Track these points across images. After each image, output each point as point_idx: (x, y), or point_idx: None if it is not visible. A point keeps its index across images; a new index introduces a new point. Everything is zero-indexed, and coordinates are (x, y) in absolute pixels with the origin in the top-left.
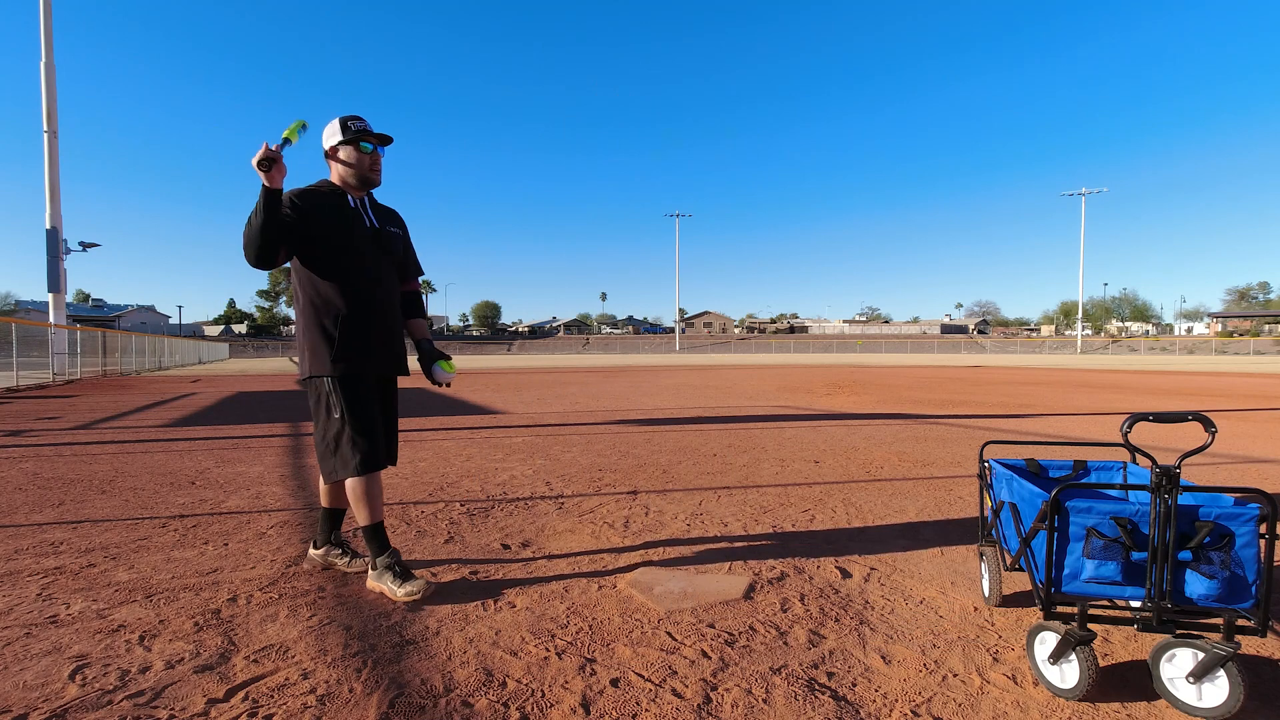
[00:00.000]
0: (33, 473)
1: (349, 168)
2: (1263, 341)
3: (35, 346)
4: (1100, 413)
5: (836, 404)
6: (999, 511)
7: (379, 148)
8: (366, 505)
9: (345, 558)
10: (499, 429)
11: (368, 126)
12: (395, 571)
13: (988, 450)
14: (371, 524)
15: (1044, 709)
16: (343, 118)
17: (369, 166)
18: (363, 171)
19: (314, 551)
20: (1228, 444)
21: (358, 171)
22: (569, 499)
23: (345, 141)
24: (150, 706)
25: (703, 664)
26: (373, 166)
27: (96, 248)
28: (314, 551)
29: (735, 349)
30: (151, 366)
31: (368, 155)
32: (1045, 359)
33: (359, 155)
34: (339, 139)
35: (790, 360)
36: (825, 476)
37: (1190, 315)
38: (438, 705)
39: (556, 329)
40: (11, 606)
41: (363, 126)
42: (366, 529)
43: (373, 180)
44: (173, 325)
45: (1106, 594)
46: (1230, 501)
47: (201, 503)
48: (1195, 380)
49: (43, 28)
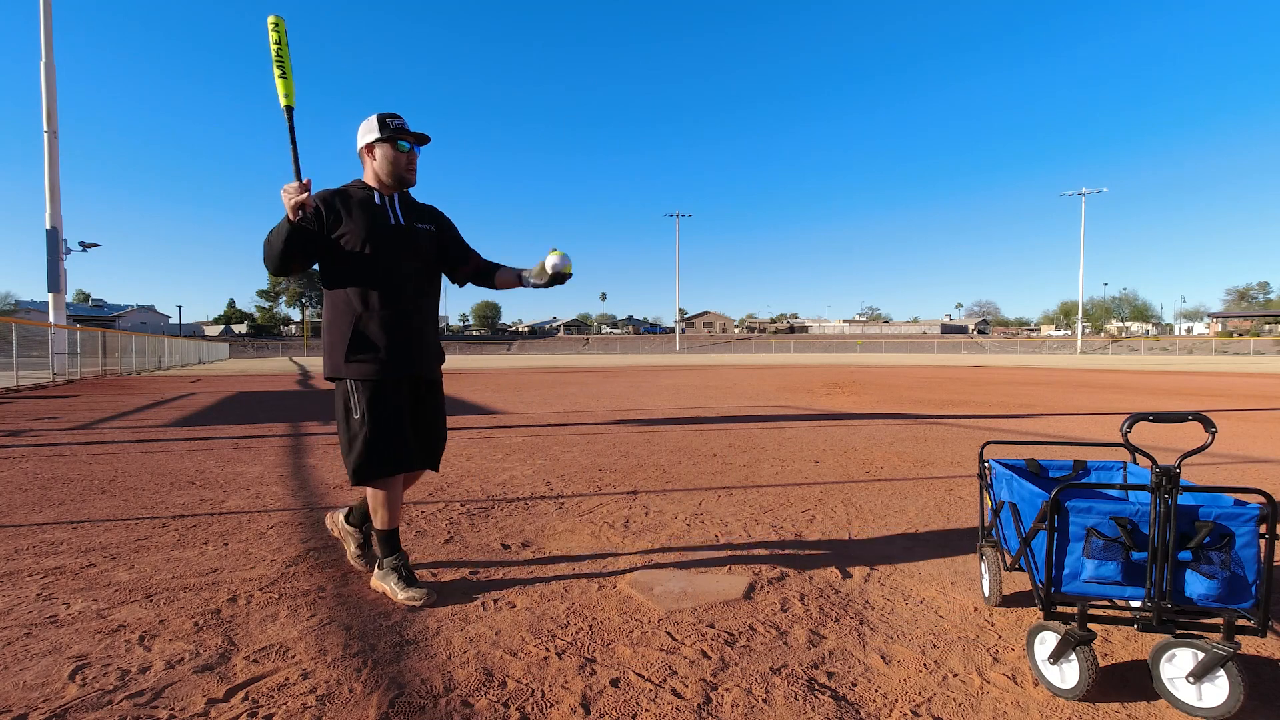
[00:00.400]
0: (33, 473)
1: (385, 166)
2: (1263, 341)
3: (35, 346)
4: (1100, 413)
5: (836, 404)
6: (999, 511)
7: (415, 147)
8: (384, 510)
9: (359, 549)
10: (499, 429)
11: (405, 125)
12: (401, 574)
13: (988, 450)
14: (387, 529)
15: (1044, 709)
16: (381, 115)
17: (405, 166)
18: (399, 171)
19: (341, 518)
20: (1228, 444)
21: (394, 171)
22: (569, 499)
23: (382, 139)
24: (150, 706)
25: (703, 664)
26: (409, 166)
27: (96, 248)
28: (341, 518)
29: (735, 349)
30: (151, 366)
31: (404, 154)
32: (1045, 359)
33: (395, 154)
34: (376, 136)
35: (790, 360)
36: (825, 476)
37: (1190, 315)
38: (438, 705)
39: (556, 329)
40: (11, 606)
41: (400, 125)
42: (380, 532)
43: (408, 180)
44: (173, 325)
45: (1106, 594)
46: (1230, 501)
47: (201, 503)
48: (1195, 380)
49: (43, 28)
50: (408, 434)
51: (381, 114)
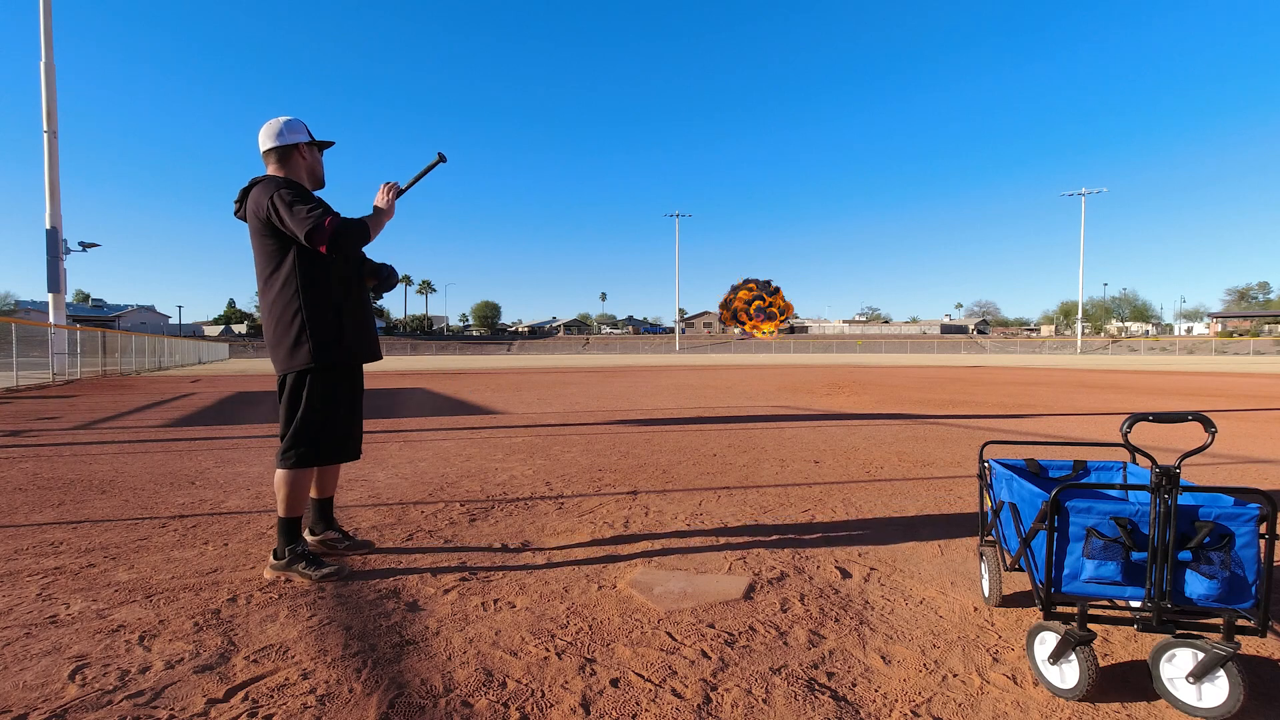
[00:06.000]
0: (33, 473)
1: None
2: (1263, 341)
3: (35, 346)
4: (1100, 413)
5: (836, 404)
6: (999, 511)
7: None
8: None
9: (344, 542)
10: (499, 429)
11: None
12: (308, 559)
13: (988, 450)
14: (297, 516)
15: (1044, 709)
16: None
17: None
18: (318, 174)
19: (311, 538)
20: (1228, 444)
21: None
22: (569, 499)
23: (312, 143)
24: (150, 706)
25: (703, 664)
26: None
27: (96, 248)
28: (311, 538)
29: (735, 349)
30: (151, 366)
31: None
32: (1045, 359)
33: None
34: (305, 139)
35: (790, 360)
36: (825, 476)
37: (1190, 315)
38: (438, 705)
39: (556, 329)
40: (11, 606)
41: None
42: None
43: (322, 184)
44: (172, 325)
45: (1106, 594)
46: (1230, 501)
47: (201, 503)
48: (1195, 380)
49: (42, 28)
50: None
51: (295, 118)
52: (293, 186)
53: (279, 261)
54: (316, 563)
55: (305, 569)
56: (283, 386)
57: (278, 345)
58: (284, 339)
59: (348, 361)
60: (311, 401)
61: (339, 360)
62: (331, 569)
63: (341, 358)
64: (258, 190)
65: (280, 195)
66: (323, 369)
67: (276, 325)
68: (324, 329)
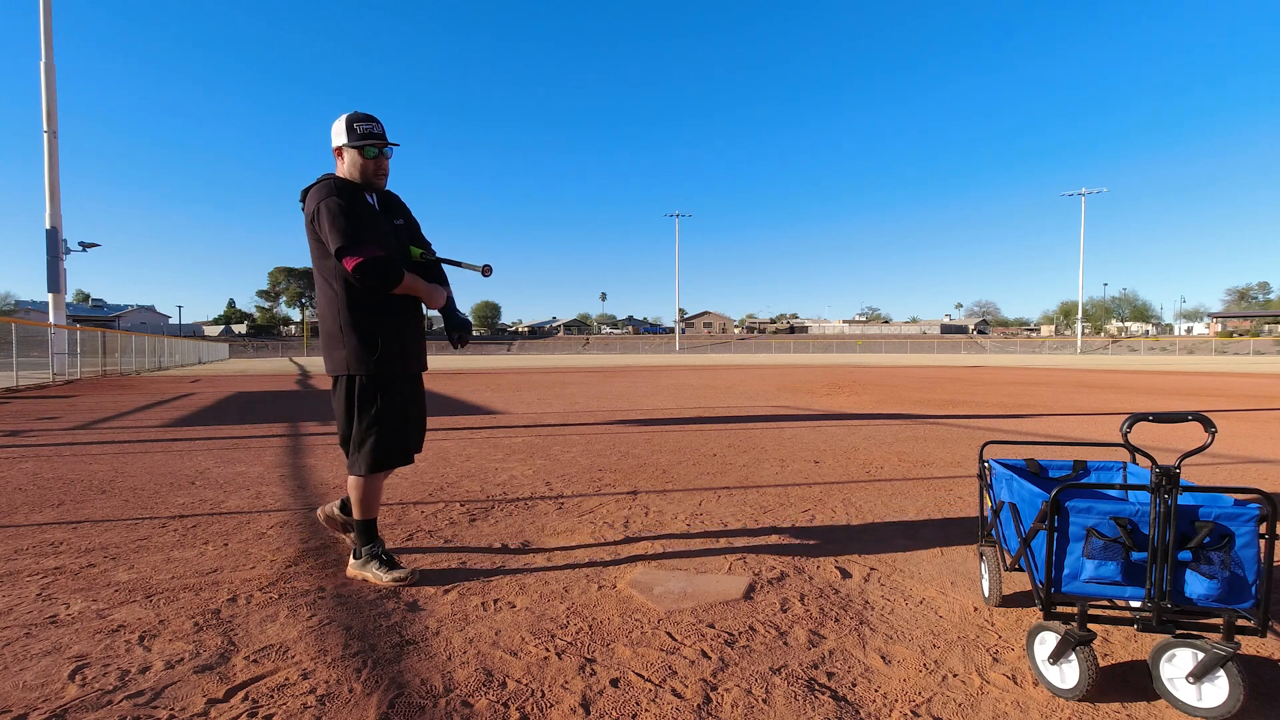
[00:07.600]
0: (33, 473)
1: (353, 171)
2: (1263, 341)
3: (35, 346)
4: (1100, 413)
5: (836, 404)
6: (999, 512)
7: (385, 149)
8: (375, 499)
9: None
10: (499, 429)
11: (376, 128)
12: (381, 559)
13: (988, 450)
14: (373, 518)
15: (1044, 709)
16: (350, 117)
17: (373, 172)
18: (367, 176)
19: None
20: (1228, 444)
21: (362, 176)
22: (569, 499)
23: (350, 145)
24: (150, 706)
25: (703, 664)
26: (376, 171)
27: (96, 248)
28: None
29: (735, 349)
30: (151, 366)
31: (371, 161)
32: (1045, 359)
33: (364, 161)
34: (344, 141)
35: (790, 360)
36: (825, 477)
37: (1190, 315)
38: (438, 705)
39: (556, 329)
40: (11, 606)
41: (370, 129)
42: (364, 522)
43: (376, 185)
44: (172, 325)
45: (1106, 594)
46: (1230, 501)
47: (201, 503)
48: (1195, 380)
49: (43, 28)
50: (411, 426)
51: (351, 116)
52: (345, 196)
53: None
54: (390, 564)
55: (377, 570)
56: (335, 385)
57: (325, 345)
58: (329, 340)
59: (384, 371)
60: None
61: (376, 370)
62: (402, 572)
63: (379, 367)
64: (314, 192)
65: (327, 204)
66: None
67: (323, 325)
68: (363, 335)
